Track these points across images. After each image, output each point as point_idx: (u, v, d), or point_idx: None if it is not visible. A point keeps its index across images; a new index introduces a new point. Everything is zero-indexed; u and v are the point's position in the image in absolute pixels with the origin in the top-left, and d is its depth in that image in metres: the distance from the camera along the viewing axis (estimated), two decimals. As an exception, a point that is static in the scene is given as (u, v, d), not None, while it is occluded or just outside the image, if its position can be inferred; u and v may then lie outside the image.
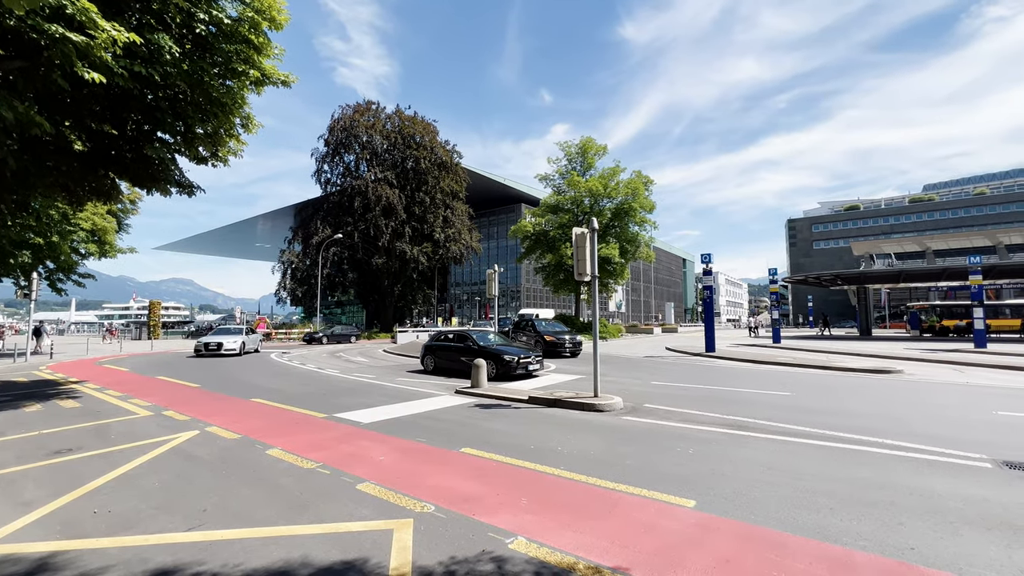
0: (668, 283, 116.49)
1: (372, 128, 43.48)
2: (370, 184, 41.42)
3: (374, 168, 43.04)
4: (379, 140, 43.83)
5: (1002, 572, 3.15)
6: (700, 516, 4.08)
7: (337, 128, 43.78)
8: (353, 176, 44.30)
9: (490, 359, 12.92)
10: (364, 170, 43.95)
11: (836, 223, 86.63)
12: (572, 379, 12.95)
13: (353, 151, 44.39)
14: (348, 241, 42.47)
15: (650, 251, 36.83)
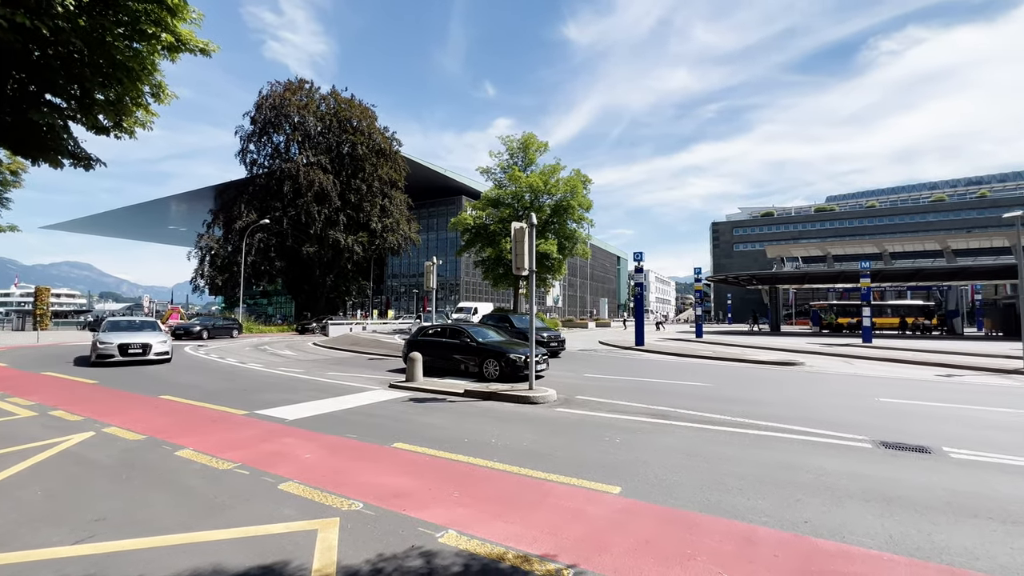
0: (603, 279, 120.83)
1: (305, 109, 41.08)
2: (302, 168, 39.17)
3: (306, 151, 40.73)
4: (313, 122, 41.50)
5: (875, 538, 3.59)
6: (625, 502, 4.28)
7: (265, 106, 40.89)
8: (283, 158, 41.66)
9: (493, 358, 11.72)
10: (295, 153, 41.47)
11: (754, 227, 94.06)
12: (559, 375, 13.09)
13: (283, 132, 41.71)
14: (276, 227, 39.95)
15: (587, 248, 37.92)
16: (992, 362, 15.47)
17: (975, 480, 4.87)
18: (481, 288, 74.76)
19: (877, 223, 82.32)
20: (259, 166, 42.88)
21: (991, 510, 4.10)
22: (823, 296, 54.71)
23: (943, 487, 4.65)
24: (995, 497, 4.40)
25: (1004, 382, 12.19)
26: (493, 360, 11.73)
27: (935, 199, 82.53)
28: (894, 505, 4.20)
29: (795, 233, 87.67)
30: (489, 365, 11.75)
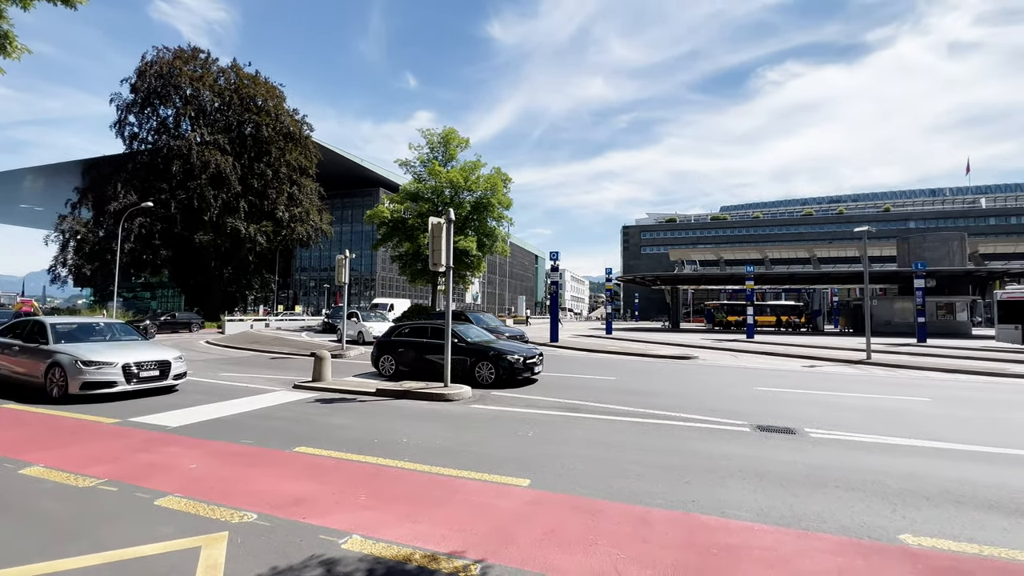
0: (522, 277, 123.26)
1: (200, 81, 36.94)
2: (195, 146, 35.23)
3: (201, 128, 36.69)
4: (209, 96, 37.45)
5: (749, 511, 4.04)
6: (534, 494, 4.40)
7: (150, 73, 36.14)
8: (172, 134, 37.17)
9: (485, 360, 10.42)
10: (187, 129, 37.19)
11: (659, 232, 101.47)
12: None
13: (172, 104, 37.20)
14: (162, 212, 35.56)
15: (506, 246, 38.41)
16: (844, 354, 18.16)
17: (828, 455, 5.68)
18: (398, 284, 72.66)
19: (761, 232, 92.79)
20: (141, 141, 37.91)
21: (838, 480, 4.80)
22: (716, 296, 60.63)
23: (804, 463, 5.36)
24: (842, 468, 5.16)
25: (852, 371, 14.36)
26: (487, 363, 10.42)
27: (805, 214, 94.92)
28: (765, 481, 4.76)
29: (694, 239, 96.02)
30: (483, 368, 10.42)
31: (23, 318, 10.73)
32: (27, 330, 9.46)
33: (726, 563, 3.18)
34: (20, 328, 9.69)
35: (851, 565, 3.19)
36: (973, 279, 38.46)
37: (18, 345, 9.20)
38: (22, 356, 9.05)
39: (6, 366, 9.33)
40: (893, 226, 74.56)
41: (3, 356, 9.40)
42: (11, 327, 9.91)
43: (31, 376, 8.72)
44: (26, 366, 8.90)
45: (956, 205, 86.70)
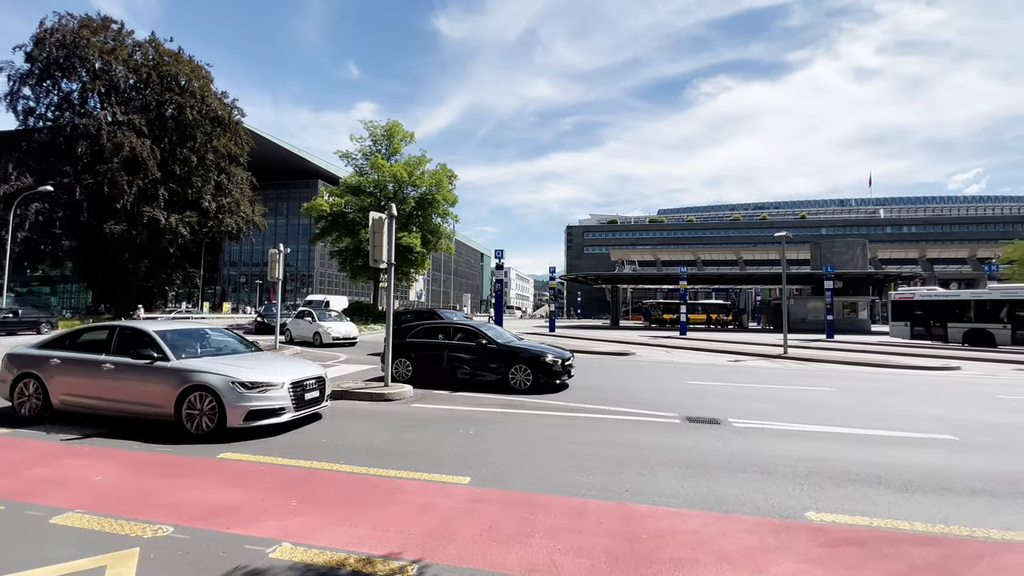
0: (467, 275, 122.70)
1: (111, 54, 33.47)
2: (106, 126, 31.90)
3: (113, 106, 33.29)
4: (122, 71, 34.02)
5: (677, 497, 4.28)
6: (473, 491, 4.41)
7: (50, 41, 32.24)
8: (77, 112, 33.43)
9: (521, 363, 9.64)
10: (96, 106, 33.60)
11: (601, 232, 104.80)
12: (364, 369, 12.44)
13: (77, 78, 33.45)
14: (65, 198, 31.95)
15: (451, 243, 38.09)
16: (764, 349, 19.69)
17: (748, 443, 6.14)
18: (338, 280, 69.90)
19: (694, 235, 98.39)
20: (39, 117, 33.84)
21: (756, 465, 5.20)
22: (653, 295, 63.62)
23: (726, 451, 5.76)
24: (760, 455, 5.60)
25: (771, 365, 15.60)
26: (523, 366, 9.61)
27: (733, 219, 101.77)
28: (692, 468, 5.07)
29: (634, 240, 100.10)
30: (518, 372, 9.60)
31: (87, 324, 7.76)
32: (112, 341, 6.56)
33: (655, 547, 3.36)
34: (91, 338, 6.84)
35: (764, 542, 3.47)
36: (873, 281, 43.01)
37: (111, 363, 6.34)
38: (126, 378, 6.25)
39: (95, 395, 6.38)
40: (808, 232, 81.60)
41: (85, 379, 6.43)
42: (66, 337, 7.01)
43: (149, 406, 6.14)
44: (138, 392, 6.19)
45: (860, 215, 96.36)
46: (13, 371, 6.77)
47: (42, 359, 6.68)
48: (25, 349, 7.03)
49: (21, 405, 6.68)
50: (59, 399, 6.52)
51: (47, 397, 6.56)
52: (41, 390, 6.59)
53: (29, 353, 6.87)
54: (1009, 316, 21.54)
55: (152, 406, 6.13)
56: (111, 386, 6.30)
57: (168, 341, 6.49)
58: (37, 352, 6.85)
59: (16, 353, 7.00)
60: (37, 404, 6.62)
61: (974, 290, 26.38)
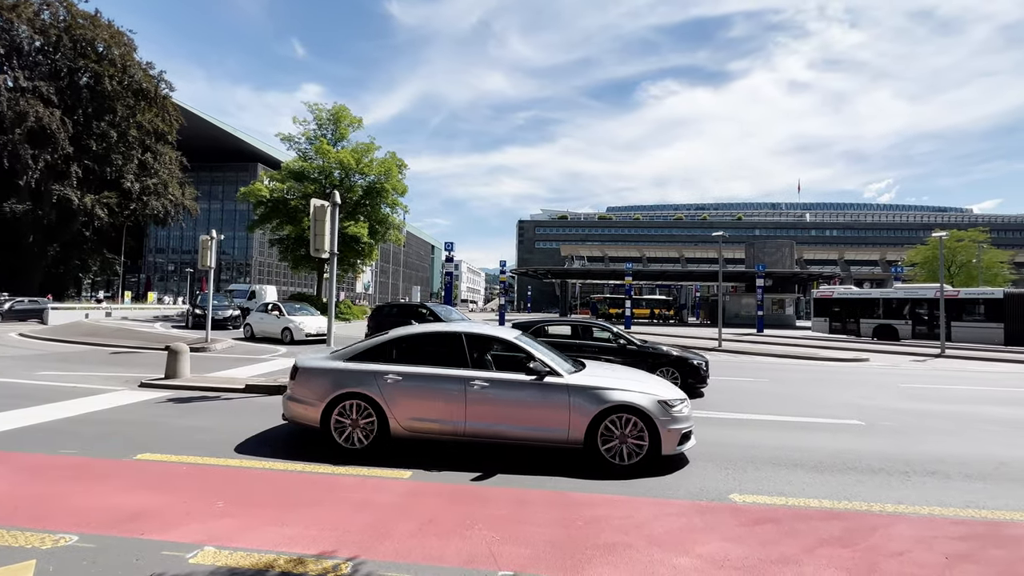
0: (417, 267, 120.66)
1: (13, 11, 29.79)
2: (6, 92, 28.42)
3: (15, 71, 29.70)
4: (26, 31, 30.39)
5: (615, 485, 4.44)
6: (414, 485, 4.35)
7: (-65, -8, 28.25)
8: (-31, 74, 29.53)
9: (668, 366, 8.98)
10: (-7, 70, 29.85)
11: (552, 228, 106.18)
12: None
13: (-30, 36, 29.53)
14: (-46, 171, 28.21)
15: (400, 234, 37.21)
16: (702, 343, 20.79)
17: (681, 431, 6.45)
18: (279, 270, 66.63)
19: (640, 233, 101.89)
20: (-79, 78, 29.57)
21: (692, 453, 5.47)
22: (601, 290, 65.34)
23: (662, 439, 6.02)
24: (699, 443, 5.90)
25: (708, 357, 16.48)
26: (671, 368, 8.86)
27: (676, 218, 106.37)
28: (629, 457, 5.26)
29: (583, 236, 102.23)
30: (664, 375, 8.50)
31: (415, 331, 5.91)
32: (465, 351, 5.39)
33: (590, 533, 3.46)
34: (428, 348, 5.59)
35: (691, 524, 3.67)
36: (799, 280, 46.48)
37: (483, 380, 5.12)
38: (507, 399, 5.10)
39: (453, 418, 5.12)
40: (743, 233, 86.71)
41: (440, 400, 5.17)
42: (388, 345, 5.55)
43: (541, 431, 5.03)
44: (525, 416, 5.06)
45: (789, 218, 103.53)
46: (330, 388, 5.23)
47: (373, 375, 5.23)
48: (334, 362, 5.45)
49: (342, 432, 5.16)
50: (403, 424, 5.14)
51: (384, 422, 5.13)
52: (374, 413, 5.13)
53: (350, 368, 5.34)
54: (910, 313, 24.01)
55: (547, 431, 5.01)
56: (485, 409, 5.08)
57: (537, 349, 5.47)
58: (360, 367, 5.32)
59: (327, 367, 5.40)
60: (369, 431, 5.15)
61: (883, 290, 29.16)
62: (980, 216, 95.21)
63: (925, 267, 41.45)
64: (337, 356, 5.56)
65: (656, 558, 3.15)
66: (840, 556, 3.25)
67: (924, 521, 3.87)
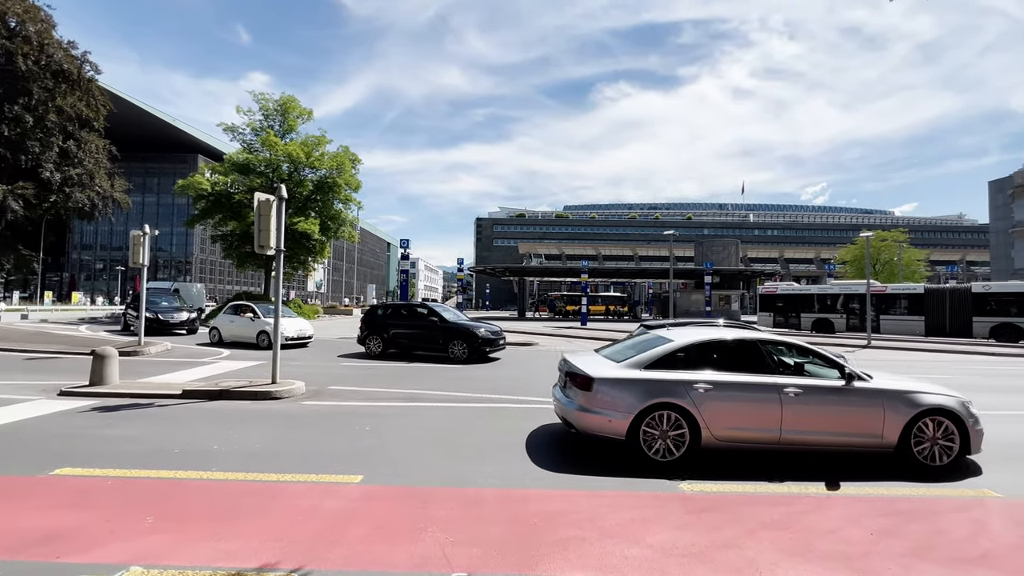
0: (372, 265, 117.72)
1: (-96, -23, 26.49)
2: None
3: (-93, 44, 26.41)
4: (-78, 2, 27.10)
5: (571, 480, 4.48)
6: (365, 489, 4.21)
7: None
8: None
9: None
10: None
11: (510, 226, 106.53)
12: (312, 365, 11.36)
13: None
14: None
15: (354, 231, 36.11)
16: (654, 338, 21.48)
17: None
18: (222, 268, 63.17)
19: (596, 231, 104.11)
20: None
21: (640, 444, 5.62)
22: (558, 287, 66.21)
23: (615, 432, 6.15)
24: (643, 434, 6.07)
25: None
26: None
27: (631, 217, 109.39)
28: (585, 451, 5.33)
29: (541, 234, 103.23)
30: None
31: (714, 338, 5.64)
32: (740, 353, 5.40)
33: (546, 530, 3.47)
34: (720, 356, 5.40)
35: (644, 515, 3.76)
36: (743, 277, 48.97)
37: (796, 387, 5.03)
38: (821, 404, 5.04)
39: (767, 427, 4.96)
40: (693, 232, 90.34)
41: (755, 408, 5.00)
42: (676, 355, 5.31)
43: (857, 436, 5.01)
44: (839, 421, 5.02)
45: (734, 218, 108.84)
46: (638, 399, 4.93)
47: (683, 384, 4.97)
48: (634, 371, 5.15)
49: (651, 445, 4.90)
50: (716, 434, 4.92)
51: (696, 433, 4.89)
52: (685, 424, 4.89)
53: (657, 378, 5.07)
54: (844, 308, 25.82)
55: (860, 436, 4.98)
56: (800, 416, 4.94)
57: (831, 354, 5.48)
58: (667, 376, 5.08)
59: (632, 377, 5.10)
60: (680, 442, 4.90)
61: (820, 286, 31.22)
62: (901, 218, 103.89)
63: (854, 265, 44.71)
64: (631, 365, 5.24)
65: (609, 550, 3.20)
66: (779, 538, 3.42)
67: (854, 501, 4.15)
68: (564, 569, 2.96)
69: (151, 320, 17.87)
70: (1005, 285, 23.48)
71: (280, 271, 8.74)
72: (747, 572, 2.98)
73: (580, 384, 5.14)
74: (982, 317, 22.14)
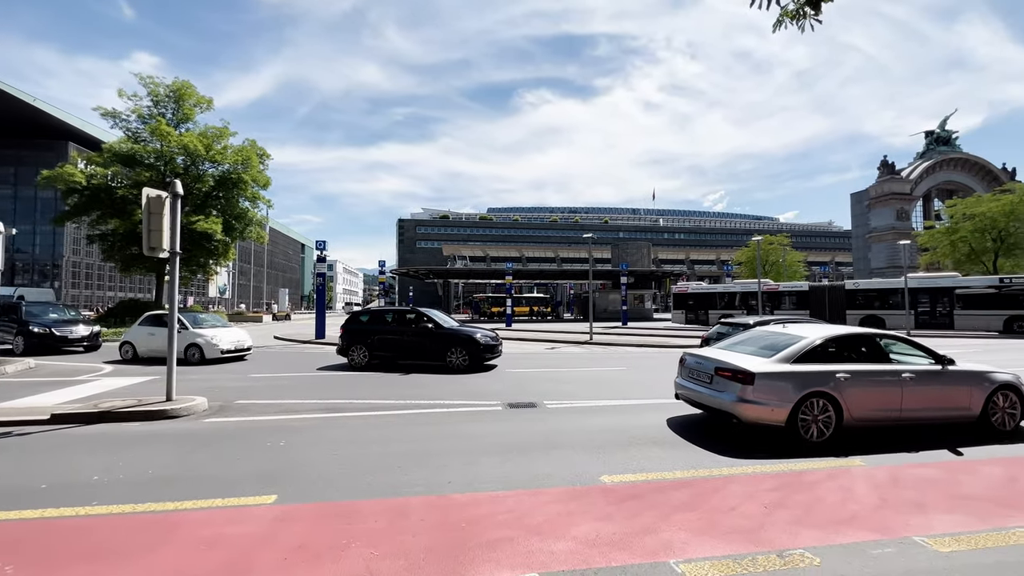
0: (285, 268, 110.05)
1: None
2: None
3: None
4: None
5: (497, 481, 4.51)
6: (280, 509, 3.92)
7: None
8: None
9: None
10: None
11: (433, 227, 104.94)
12: (217, 379, 10.09)
13: None
14: None
15: (263, 231, 33.58)
16: (575, 337, 22.32)
17: (560, 422, 6.83)
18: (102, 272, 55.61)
19: (520, 234, 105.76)
20: None
21: (565, 442, 5.82)
22: (483, 289, 66.36)
23: (542, 431, 6.31)
24: (569, 431, 6.28)
25: (580, 350, 17.73)
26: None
27: (552, 220, 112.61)
28: (510, 451, 5.41)
29: (465, 236, 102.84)
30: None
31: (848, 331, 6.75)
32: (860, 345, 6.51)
33: (473, 533, 3.46)
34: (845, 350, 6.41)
35: (567, 509, 3.88)
36: (655, 277, 52.47)
37: (910, 372, 6.14)
38: (925, 386, 6.14)
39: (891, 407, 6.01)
40: (610, 235, 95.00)
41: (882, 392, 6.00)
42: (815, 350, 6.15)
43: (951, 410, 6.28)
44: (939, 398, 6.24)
45: (646, 222, 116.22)
46: (796, 390, 5.70)
47: (828, 375, 5.85)
48: (786, 365, 5.89)
49: (806, 429, 5.71)
50: (855, 416, 5.83)
51: (840, 416, 5.79)
52: (831, 408, 5.76)
53: (807, 370, 5.85)
54: (744, 304, 28.60)
55: (954, 410, 6.24)
56: (914, 397, 6.06)
57: None
58: (813, 368, 5.89)
59: (788, 371, 5.84)
60: (828, 425, 5.75)
61: (725, 285, 34.34)
62: (784, 224, 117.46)
63: (748, 265, 49.77)
64: (781, 360, 5.97)
65: (535, 547, 3.27)
66: (689, 519, 3.72)
67: (749, 479, 4.61)
68: (492, 571, 2.98)
69: (43, 336, 15.03)
70: (870, 282, 27.49)
71: (176, 276, 7.89)
72: (662, 554, 3.20)
73: (741, 379, 5.78)
74: (853, 310, 25.69)
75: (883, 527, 3.60)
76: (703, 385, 6.32)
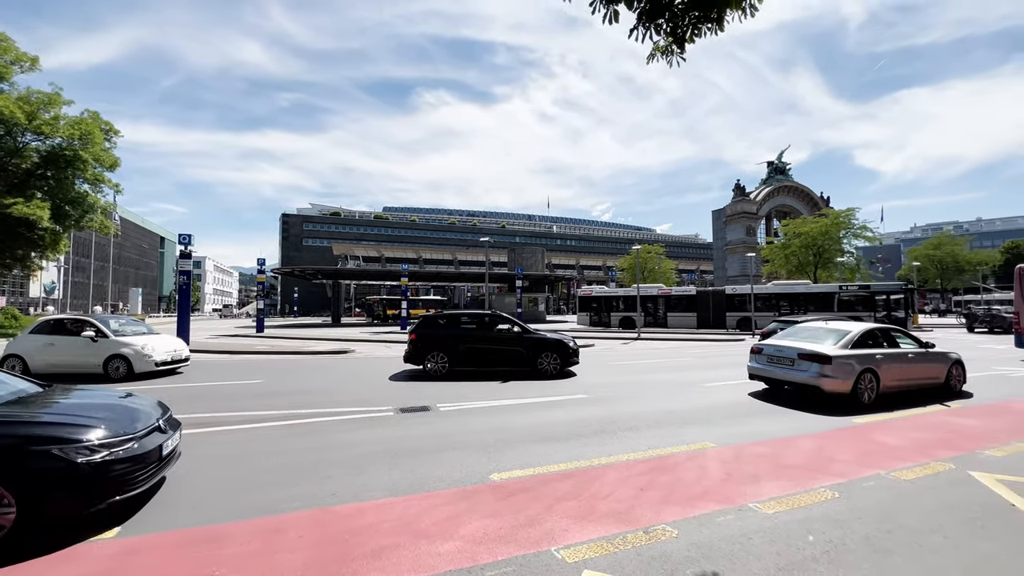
0: (139, 264, 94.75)
1: None
2: None
3: None
4: None
5: (384, 488, 4.38)
6: (124, 544, 3.39)
7: None
8: None
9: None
10: None
11: (323, 224, 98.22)
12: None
13: None
14: None
15: (109, 220, 28.65)
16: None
17: (452, 424, 6.83)
18: None
19: (417, 235, 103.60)
20: None
21: (456, 443, 5.84)
22: (377, 291, 63.78)
23: (433, 434, 6.26)
24: (461, 433, 6.32)
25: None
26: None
27: (451, 222, 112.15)
28: (400, 457, 5.29)
29: (358, 235, 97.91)
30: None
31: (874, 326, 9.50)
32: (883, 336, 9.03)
33: (358, 544, 3.34)
34: None
35: (456, 510, 3.92)
36: (548, 281, 54.90)
37: (913, 353, 8.89)
38: (920, 362, 8.88)
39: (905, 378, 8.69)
40: (507, 240, 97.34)
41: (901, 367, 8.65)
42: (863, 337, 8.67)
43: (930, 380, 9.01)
44: (926, 371, 8.98)
45: (541, 228, 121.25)
46: (856, 367, 7.95)
47: (872, 357, 8.21)
48: (847, 350, 8.11)
49: (860, 394, 7.98)
50: (887, 384, 8.21)
51: (879, 384, 8.14)
52: (875, 380, 8.12)
53: (861, 353, 8.15)
54: (642, 307, 31.16)
55: (932, 380, 8.94)
56: (916, 369, 8.74)
57: None
58: (862, 352, 8.19)
59: (852, 354, 8.05)
60: (873, 391, 8.10)
61: (625, 289, 36.96)
62: (660, 235, 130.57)
63: (629, 272, 54.50)
64: (843, 346, 8.15)
65: (423, 550, 3.26)
66: (570, 507, 3.98)
67: (624, 466, 5.07)
68: None
69: None
70: (743, 288, 31.50)
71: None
72: (544, 543, 3.38)
73: (820, 360, 7.91)
74: (732, 312, 29.38)
75: (726, 498, 4.21)
76: (784, 367, 8.44)
